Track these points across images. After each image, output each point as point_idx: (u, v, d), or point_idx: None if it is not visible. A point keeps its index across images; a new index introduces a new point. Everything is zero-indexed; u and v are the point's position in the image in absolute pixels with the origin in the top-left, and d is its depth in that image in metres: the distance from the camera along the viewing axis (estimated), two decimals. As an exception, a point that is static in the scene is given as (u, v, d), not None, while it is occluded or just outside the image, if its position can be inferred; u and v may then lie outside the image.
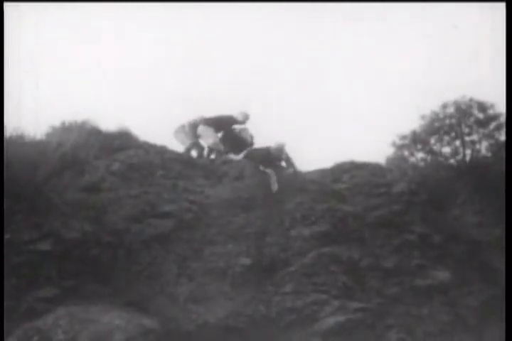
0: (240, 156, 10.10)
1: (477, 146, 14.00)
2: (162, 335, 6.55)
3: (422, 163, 13.97)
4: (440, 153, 14.09)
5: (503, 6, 8.33)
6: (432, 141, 14.22)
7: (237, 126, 10.64)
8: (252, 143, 10.56)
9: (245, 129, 10.61)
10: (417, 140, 14.26)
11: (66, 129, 9.38)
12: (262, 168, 9.46)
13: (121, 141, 9.49)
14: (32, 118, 8.69)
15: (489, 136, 14.03)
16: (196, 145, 10.63)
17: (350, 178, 9.96)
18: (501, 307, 7.10)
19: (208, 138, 10.34)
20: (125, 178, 8.59)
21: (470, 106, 14.24)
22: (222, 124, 10.55)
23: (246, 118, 10.72)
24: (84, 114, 9.57)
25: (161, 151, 9.58)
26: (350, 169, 10.24)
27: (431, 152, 14.13)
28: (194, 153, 10.74)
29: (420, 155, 14.28)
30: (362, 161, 10.51)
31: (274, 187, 9.11)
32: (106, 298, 6.86)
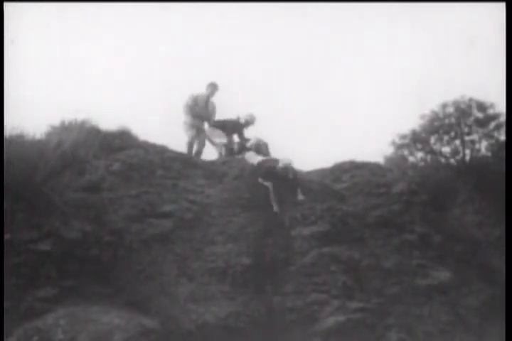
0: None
1: (477, 146, 14.03)
2: (162, 335, 6.53)
3: (421, 163, 14.01)
4: (440, 153, 14.12)
5: (503, 6, 8.33)
6: (432, 140, 14.25)
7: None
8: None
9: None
10: (416, 139, 14.30)
11: (66, 128, 9.36)
12: (261, 180, 9.12)
13: (121, 141, 9.47)
14: (31, 117, 8.67)
15: (489, 135, 14.06)
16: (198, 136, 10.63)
17: (350, 178, 9.97)
18: (501, 307, 7.10)
19: (219, 137, 10.44)
20: (125, 178, 8.57)
21: (469, 106, 14.27)
22: (229, 129, 10.58)
23: (252, 119, 10.70)
24: (84, 113, 9.56)
25: (161, 151, 9.57)
26: (350, 169, 10.25)
27: (431, 151, 14.16)
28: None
29: (420, 154, 14.31)
30: (362, 161, 10.52)
31: (276, 208, 8.77)
32: (106, 298, 6.84)
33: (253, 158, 9.80)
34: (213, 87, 10.85)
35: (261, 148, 10.21)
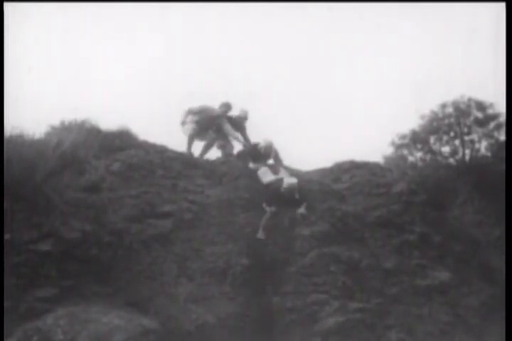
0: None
1: (476, 146, 14.02)
2: (162, 335, 6.53)
3: (421, 163, 13.99)
4: (440, 153, 14.11)
5: (502, 6, 8.34)
6: (432, 140, 14.24)
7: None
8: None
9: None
10: (416, 139, 14.28)
11: (66, 128, 9.37)
12: (264, 205, 8.72)
13: (121, 140, 9.47)
14: (31, 117, 8.67)
15: (489, 135, 14.05)
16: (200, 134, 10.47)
17: (350, 178, 9.96)
18: (501, 307, 7.11)
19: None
20: (125, 178, 8.58)
21: (469, 106, 14.26)
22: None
23: (245, 114, 10.59)
24: (84, 113, 9.57)
25: (161, 151, 9.57)
26: (349, 169, 10.24)
27: (430, 151, 14.15)
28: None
29: (419, 154, 14.30)
30: (362, 161, 10.51)
31: (261, 235, 8.42)
32: (106, 298, 6.85)
33: (265, 175, 9.38)
34: (227, 107, 10.53)
35: (269, 151, 9.84)
